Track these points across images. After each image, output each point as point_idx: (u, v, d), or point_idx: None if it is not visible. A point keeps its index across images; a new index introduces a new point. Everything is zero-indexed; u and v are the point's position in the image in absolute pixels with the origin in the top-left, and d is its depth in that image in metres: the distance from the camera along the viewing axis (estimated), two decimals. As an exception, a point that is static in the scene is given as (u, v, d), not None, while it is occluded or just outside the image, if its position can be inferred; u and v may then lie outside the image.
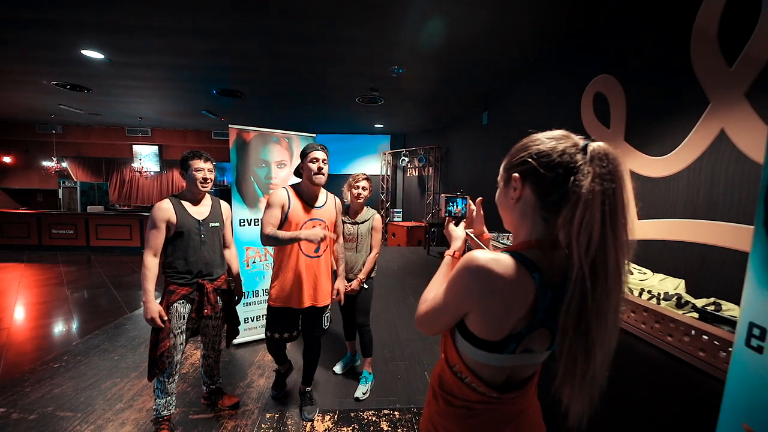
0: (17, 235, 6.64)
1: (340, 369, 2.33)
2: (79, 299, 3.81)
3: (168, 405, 1.66)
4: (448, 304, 0.63)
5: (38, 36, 3.25)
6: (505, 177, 0.66)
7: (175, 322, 1.61)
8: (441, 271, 0.78)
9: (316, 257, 1.74)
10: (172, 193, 1.77)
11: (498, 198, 0.69)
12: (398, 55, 3.54)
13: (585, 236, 0.50)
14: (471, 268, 0.57)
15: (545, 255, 0.58)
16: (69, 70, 4.27)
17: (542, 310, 0.56)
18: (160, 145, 8.52)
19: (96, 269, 5.15)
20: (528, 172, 0.60)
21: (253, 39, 3.22)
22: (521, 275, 0.55)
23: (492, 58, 3.55)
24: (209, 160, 1.70)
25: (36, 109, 6.51)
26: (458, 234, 0.85)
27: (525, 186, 0.61)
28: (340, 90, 4.89)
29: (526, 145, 0.62)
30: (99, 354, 2.49)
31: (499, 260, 0.56)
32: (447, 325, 0.66)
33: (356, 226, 2.07)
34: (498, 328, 0.57)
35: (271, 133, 2.70)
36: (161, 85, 4.83)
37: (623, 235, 0.52)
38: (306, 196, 1.74)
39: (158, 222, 1.58)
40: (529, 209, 0.61)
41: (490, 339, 0.58)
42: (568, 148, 0.56)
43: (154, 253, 1.58)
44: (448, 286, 0.62)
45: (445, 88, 4.70)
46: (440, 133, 7.47)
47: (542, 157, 0.58)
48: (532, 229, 0.61)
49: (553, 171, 0.56)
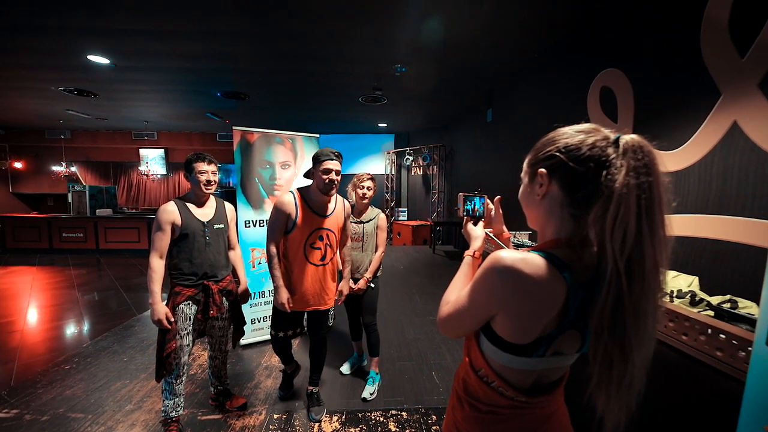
0: (29, 239, 6.77)
1: (347, 369, 2.33)
2: (90, 301, 3.86)
3: (176, 406, 1.67)
4: (473, 306, 0.61)
5: (46, 43, 3.30)
6: (529, 172, 0.64)
7: (181, 324, 1.62)
8: (462, 272, 0.76)
9: (321, 265, 1.73)
10: (178, 196, 1.77)
11: (522, 195, 0.67)
12: (401, 53, 3.52)
13: (620, 233, 0.48)
14: (498, 268, 0.55)
15: (575, 253, 0.56)
16: (76, 76, 4.33)
17: (573, 310, 0.54)
18: (166, 148, 8.60)
19: (105, 272, 5.22)
20: (555, 167, 0.58)
21: (256, 40, 3.23)
22: (551, 275, 0.53)
23: (495, 54, 3.51)
24: (213, 162, 1.70)
25: (45, 115, 6.62)
26: (478, 233, 0.82)
27: (552, 182, 0.59)
28: (344, 90, 4.88)
29: (552, 138, 0.60)
30: (109, 356, 2.52)
31: (528, 260, 0.54)
32: (472, 327, 0.64)
33: (361, 226, 2.07)
34: (527, 331, 0.55)
35: (275, 134, 2.70)
36: (166, 88, 4.88)
37: (661, 231, 0.49)
38: (315, 204, 1.70)
39: (163, 224, 1.58)
40: (556, 206, 0.59)
41: (519, 342, 0.56)
42: (598, 141, 0.54)
43: (159, 255, 1.59)
44: (473, 287, 0.61)
45: (449, 86, 4.67)
46: (444, 132, 7.42)
47: (571, 151, 0.55)
48: (560, 227, 0.59)
49: (583, 165, 0.54)
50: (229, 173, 8.90)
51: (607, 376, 0.52)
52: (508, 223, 0.92)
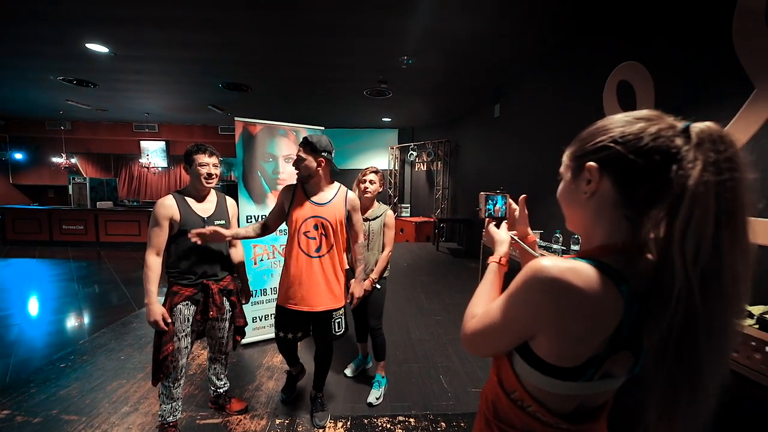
0: (29, 231, 6.72)
1: (351, 372, 2.24)
2: (89, 295, 3.80)
3: (174, 410, 1.59)
4: (508, 323, 0.53)
5: (43, 29, 3.21)
6: (573, 167, 0.55)
7: (179, 325, 1.53)
8: (487, 280, 0.68)
9: (317, 257, 1.61)
10: (176, 189, 1.67)
11: (562, 193, 0.58)
12: (408, 45, 3.39)
13: (693, 241, 0.40)
14: (542, 280, 0.47)
15: (630, 262, 0.48)
16: (75, 65, 4.23)
17: (627, 327, 0.46)
18: (167, 140, 8.51)
19: (105, 265, 5.16)
20: (609, 160, 0.49)
21: (259, 30, 3.12)
22: (607, 289, 0.45)
23: (504, 47, 3.39)
24: (214, 154, 1.60)
25: (45, 106, 6.53)
26: (502, 237, 0.74)
27: (603, 177, 0.50)
28: (348, 83, 4.77)
29: (603, 127, 0.51)
30: (105, 353, 2.45)
31: (578, 270, 0.46)
32: (506, 347, 0.56)
33: (367, 223, 1.97)
34: (576, 353, 0.48)
35: (279, 126, 2.59)
36: (167, 79, 4.77)
37: (744, 239, 0.42)
38: (309, 190, 1.65)
39: (161, 219, 1.49)
40: (607, 206, 0.51)
41: (564, 366, 0.49)
42: (663, 130, 0.46)
43: (156, 252, 1.50)
44: (509, 301, 0.53)
45: (455, 80, 4.55)
46: (449, 127, 7.29)
47: (630, 141, 0.47)
48: (613, 231, 0.51)
49: (645, 157, 0.46)
50: (230, 167, 8.80)
51: (670, 406, 0.44)
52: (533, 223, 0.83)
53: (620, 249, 0.49)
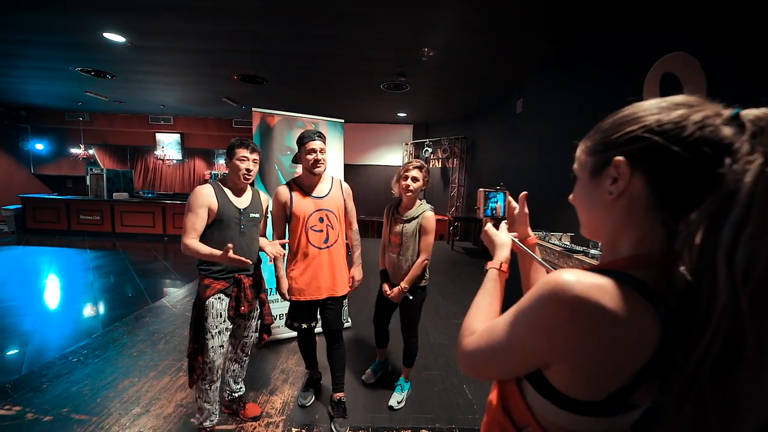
0: (48, 220, 6.85)
1: (370, 378, 2.11)
2: (104, 286, 3.81)
3: (210, 414, 1.55)
4: (517, 348, 0.45)
5: (61, 19, 3.18)
6: (593, 163, 0.47)
7: (212, 320, 1.46)
8: (486, 290, 0.61)
9: (326, 248, 1.67)
10: (209, 179, 1.61)
11: (580, 194, 0.51)
12: (431, 36, 3.23)
13: (745, 254, 0.33)
14: (563, 299, 0.40)
15: (667, 277, 0.41)
16: (92, 56, 4.22)
17: (659, 353, 0.39)
18: (182, 133, 8.54)
19: (120, 256, 5.19)
20: (643, 154, 0.41)
21: (276, 19, 3.00)
22: (642, 311, 0.39)
23: (533, 38, 3.19)
24: (256, 150, 1.54)
25: (65, 97, 6.61)
26: (503, 240, 0.67)
27: (635, 174, 0.42)
28: (366, 75, 4.63)
29: (633, 115, 0.43)
30: (117, 349, 2.40)
31: (608, 288, 0.39)
32: (513, 374, 0.49)
33: (401, 225, 1.78)
34: (602, 387, 0.41)
35: (297, 118, 2.48)
36: (182, 70, 4.73)
37: None
38: (308, 187, 1.65)
39: (198, 208, 1.44)
40: (639, 208, 0.43)
41: (586, 400, 0.42)
42: (709, 118, 0.38)
43: (196, 236, 1.44)
44: (520, 321, 0.45)
45: (478, 73, 4.36)
46: (465, 123, 7.08)
47: (670, 130, 0.39)
48: (645, 238, 0.43)
49: (691, 150, 0.38)
50: (244, 160, 8.78)
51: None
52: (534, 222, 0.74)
53: (655, 261, 0.41)
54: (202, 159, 9.31)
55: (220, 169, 9.03)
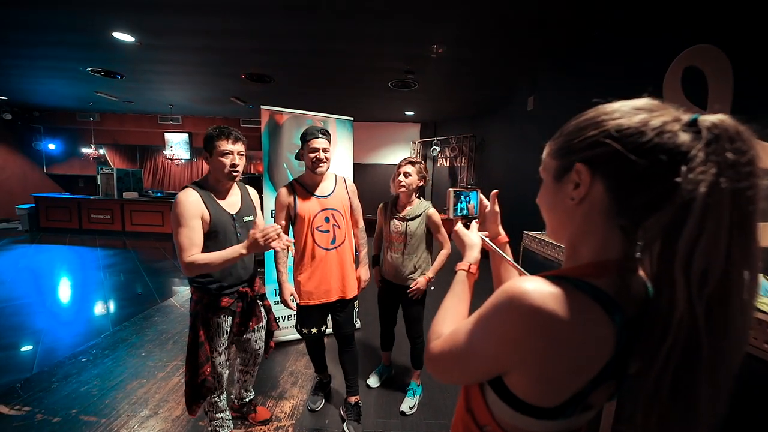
0: (61, 219, 6.96)
1: (375, 382, 2.07)
2: (114, 284, 3.84)
3: (225, 421, 1.49)
4: (476, 354, 0.45)
5: (70, 18, 3.19)
6: (556, 167, 0.47)
7: (217, 339, 1.36)
8: (454, 292, 0.61)
9: (333, 249, 1.60)
10: (193, 181, 1.38)
11: (543, 197, 0.50)
12: (440, 31, 3.16)
13: (702, 261, 0.33)
14: (520, 309, 0.40)
15: (625, 284, 0.40)
16: (101, 55, 4.25)
17: (615, 359, 0.40)
18: (190, 132, 8.60)
19: (131, 254, 5.24)
20: (602, 160, 0.41)
21: (285, 16, 2.97)
22: (596, 320, 0.39)
23: (546, 34, 3.10)
24: (239, 139, 1.32)
25: (76, 97, 6.69)
26: (473, 240, 0.66)
27: (595, 180, 0.42)
28: (373, 74, 4.58)
29: (595, 119, 0.43)
30: (126, 349, 2.39)
31: (563, 297, 0.39)
32: (475, 378, 0.49)
33: (404, 224, 1.73)
34: (557, 393, 0.42)
35: (306, 116, 2.44)
36: (190, 69, 4.74)
37: (755, 256, 0.35)
38: (311, 186, 1.59)
39: (189, 220, 1.22)
40: (598, 215, 0.43)
41: (543, 405, 0.43)
42: (668, 124, 0.37)
43: (198, 251, 1.23)
44: (477, 328, 0.45)
45: (488, 70, 4.28)
46: (474, 122, 6.99)
47: (629, 136, 0.39)
48: (605, 245, 0.43)
49: (648, 157, 0.37)
50: (250, 160, 8.80)
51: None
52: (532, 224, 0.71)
53: (614, 268, 0.41)
54: (210, 158, 9.37)
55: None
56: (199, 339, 1.29)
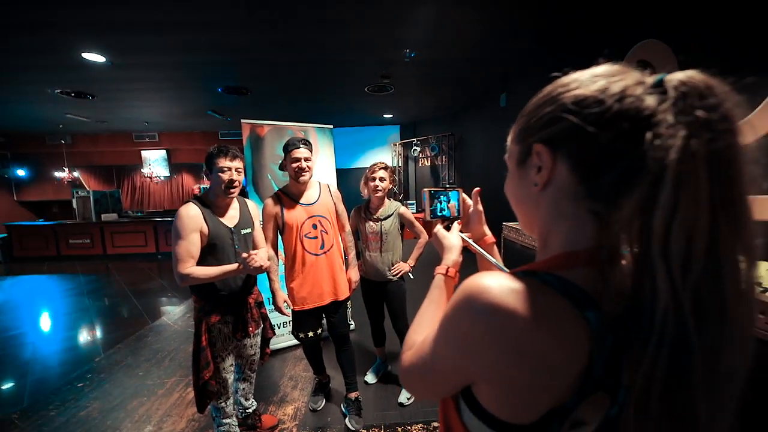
0: (36, 247, 6.70)
1: (372, 378, 2.16)
2: (100, 309, 3.76)
3: (231, 427, 1.53)
4: (440, 362, 0.40)
5: (38, 40, 3.12)
6: (518, 151, 0.42)
7: (220, 345, 1.43)
8: (431, 299, 0.56)
9: (323, 254, 1.68)
10: (194, 195, 1.53)
11: (509, 187, 0.46)
12: (410, 37, 3.28)
13: (681, 239, 0.28)
14: (476, 307, 0.34)
15: (602, 275, 0.35)
16: (72, 76, 4.15)
17: (599, 365, 0.33)
18: (167, 149, 8.44)
19: (114, 277, 5.12)
20: (562, 137, 0.36)
21: (257, 29, 3.02)
22: (565, 317, 0.33)
23: (512, 33, 3.27)
24: (237, 156, 1.42)
25: (44, 120, 6.46)
26: (452, 242, 0.62)
27: (557, 162, 0.37)
28: (349, 79, 4.66)
29: (551, 93, 0.38)
30: (123, 370, 2.39)
31: (526, 293, 0.33)
32: (441, 393, 0.43)
33: (379, 224, 1.87)
34: (528, 407, 0.35)
35: (286, 127, 2.51)
36: (165, 85, 4.69)
37: (747, 230, 0.29)
38: (296, 195, 1.66)
39: (189, 233, 1.31)
40: (565, 200, 0.38)
41: (518, 422, 0.35)
42: (631, 87, 0.33)
43: (194, 263, 1.32)
44: (439, 333, 0.40)
45: (460, 71, 4.43)
46: (453, 120, 7.17)
47: (587, 107, 0.34)
48: (575, 233, 0.38)
49: (610, 127, 0.32)
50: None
51: None
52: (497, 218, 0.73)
53: (587, 258, 0.36)
54: (189, 174, 9.21)
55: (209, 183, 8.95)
56: (201, 344, 1.37)
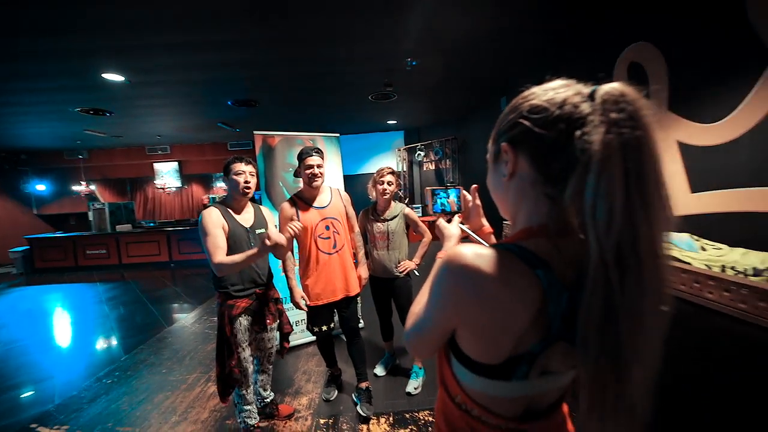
0: (56, 258, 6.96)
1: (381, 371, 2.28)
2: (119, 316, 3.92)
3: (252, 413, 1.66)
4: (430, 317, 0.52)
5: (61, 65, 3.34)
6: (493, 151, 0.54)
7: (241, 336, 1.57)
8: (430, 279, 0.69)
9: (335, 252, 1.80)
10: (211, 199, 1.72)
11: (488, 179, 0.57)
12: (410, 46, 3.43)
13: (604, 209, 0.38)
14: (452, 268, 0.46)
15: (553, 244, 0.45)
16: (92, 96, 4.38)
17: (557, 318, 0.43)
18: (179, 161, 8.71)
19: (131, 286, 5.31)
20: (521, 137, 0.48)
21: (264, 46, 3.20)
22: (519, 273, 0.43)
23: (510, 38, 3.40)
24: (251, 163, 1.63)
25: (64, 137, 6.76)
26: (451, 231, 0.72)
27: (519, 156, 0.49)
28: (353, 89, 4.82)
29: (516, 103, 0.50)
30: (147, 368, 2.53)
31: (487, 255, 0.44)
32: (435, 344, 0.54)
33: (386, 224, 2.02)
34: (496, 347, 0.45)
35: (296, 137, 2.67)
36: (178, 101, 4.90)
37: (658, 202, 0.38)
38: (310, 199, 1.80)
39: (214, 228, 1.48)
40: (527, 186, 0.49)
41: (489, 362, 0.46)
42: (570, 98, 0.44)
43: (224, 252, 1.47)
44: (430, 294, 0.52)
45: (461, 77, 4.56)
46: (456, 124, 7.31)
47: (538, 113, 0.45)
48: (533, 212, 0.49)
49: (552, 128, 0.44)
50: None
51: (599, 401, 0.41)
52: None
53: (541, 231, 0.47)
54: (199, 184, 9.48)
55: (217, 192, 9.19)
56: (224, 336, 1.52)
